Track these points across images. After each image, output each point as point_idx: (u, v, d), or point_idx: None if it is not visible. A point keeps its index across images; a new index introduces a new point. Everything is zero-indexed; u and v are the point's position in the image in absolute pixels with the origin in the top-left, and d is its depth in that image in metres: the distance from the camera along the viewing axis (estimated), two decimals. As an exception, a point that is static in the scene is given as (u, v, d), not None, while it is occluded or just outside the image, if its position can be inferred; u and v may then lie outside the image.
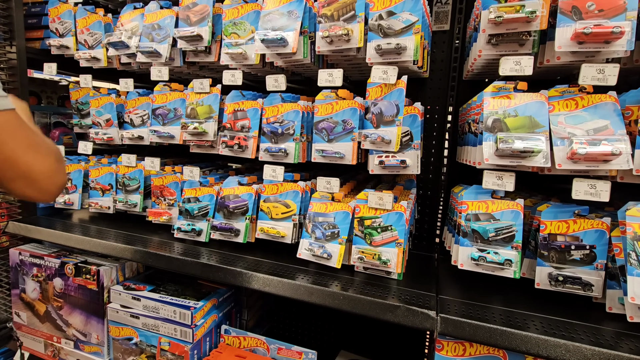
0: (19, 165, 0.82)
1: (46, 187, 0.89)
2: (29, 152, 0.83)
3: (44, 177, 0.88)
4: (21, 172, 0.83)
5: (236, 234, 1.29)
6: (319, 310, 1.80)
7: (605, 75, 0.89)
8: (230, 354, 1.30)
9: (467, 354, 0.97)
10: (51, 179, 0.89)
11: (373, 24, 1.10)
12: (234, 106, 1.33)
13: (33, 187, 0.87)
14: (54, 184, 0.90)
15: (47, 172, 0.88)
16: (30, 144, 0.83)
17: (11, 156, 0.80)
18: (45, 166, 0.88)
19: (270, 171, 1.27)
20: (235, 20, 1.29)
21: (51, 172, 0.89)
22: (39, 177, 0.87)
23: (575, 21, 0.89)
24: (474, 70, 1.27)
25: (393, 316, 0.96)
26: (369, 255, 1.09)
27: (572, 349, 0.81)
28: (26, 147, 0.83)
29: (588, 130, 0.91)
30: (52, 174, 0.89)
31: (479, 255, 1.02)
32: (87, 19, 1.59)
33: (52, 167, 0.89)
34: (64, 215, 1.71)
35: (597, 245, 0.96)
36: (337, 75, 1.14)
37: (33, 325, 1.60)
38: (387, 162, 1.12)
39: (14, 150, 0.81)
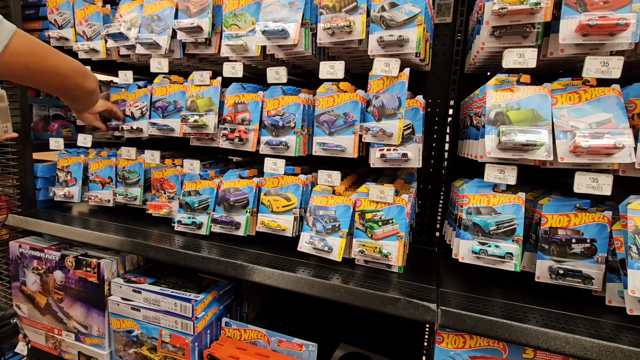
0: (61, 66, 0.99)
1: (87, 73, 1.11)
2: (56, 54, 0.98)
3: (81, 68, 1.08)
4: (66, 71, 1.01)
5: (237, 227, 1.29)
6: (319, 303, 1.80)
7: (609, 68, 0.88)
8: (231, 346, 1.31)
9: (467, 346, 0.98)
10: (82, 67, 1.10)
11: (375, 15, 1.09)
12: (234, 99, 1.32)
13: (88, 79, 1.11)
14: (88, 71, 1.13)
15: (77, 63, 1.08)
16: (51, 48, 0.99)
17: (53, 63, 0.97)
18: (72, 60, 1.06)
19: (271, 164, 1.26)
20: (235, 12, 1.27)
21: (77, 63, 1.09)
22: (79, 69, 1.06)
23: (580, 13, 0.88)
24: (476, 64, 1.26)
25: (394, 309, 0.97)
26: (370, 249, 1.09)
27: (572, 341, 0.82)
28: (52, 52, 0.98)
29: (591, 123, 0.91)
30: (80, 64, 1.10)
31: (480, 248, 1.02)
32: (86, 10, 1.57)
33: (74, 60, 1.08)
34: (63, 208, 1.71)
35: (597, 239, 0.97)
36: (339, 67, 1.13)
37: (34, 318, 1.60)
38: (388, 155, 1.12)
39: (52, 56, 0.97)
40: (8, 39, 0.84)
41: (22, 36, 0.88)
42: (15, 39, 0.85)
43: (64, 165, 1.69)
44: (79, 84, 1.07)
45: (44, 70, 0.95)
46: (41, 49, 0.93)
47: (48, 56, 0.95)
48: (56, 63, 0.98)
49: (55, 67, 0.98)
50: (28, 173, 1.66)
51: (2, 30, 0.83)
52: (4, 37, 0.83)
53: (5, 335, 1.18)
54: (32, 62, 0.91)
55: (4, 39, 0.83)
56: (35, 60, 0.92)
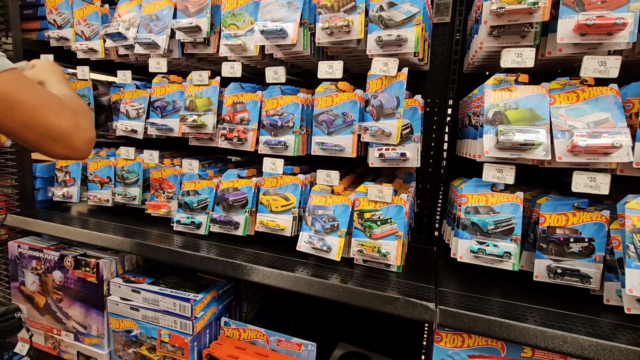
0: (36, 126, 0.80)
1: (73, 144, 0.86)
2: (41, 111, 0.80)
3: (67, 135, 0.85)
4: (41, 133, 0.81)
5: (236, 226, 1.29)
6: (318, 303, 1.81)
7: (607, 68, 0.88)
8: (230, 345, 1.31)
9: (466, 345, 0.98)
10: (74, 134, 0.86)
11: (374, 15, 1.09)
12: (233, 98, 1.32)
13: (61, 146, 0.85)
14: (80, 140, 0.87)
15: (67, 129, 0.84)
16: (40, 102, 0.80)
17: (24, 119, 0.78)
18: (63, 123, 0.84)
19: (270, 164, 1.26)
20: (234, 11, 1.27)
21: (71, 128, 0.85)
22: (61, 136, 0.84)
23: (577, 12, 0.88)
24: (474, 63, 1.26)
25: (392, 308, 0.97)
26: (369, 248, 1.10)
27: (570, 340, 0.82)
28: (37, 107, 0.79)
29: (589, 122, 0.91)
30: (73, 130, 0.85)
31: (478, 247, 1.02)
32: (84, 10, 1.57)
33: (70, 123, 0.85)
34: (62, 208, 1.71)
35: (595, 238, 0.97)
36: (337, 67, 1.13)
37: (33, 318, 1.60)
38: (387, 154, 1.12)
39: (25, 112, 0.78)
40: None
41: (4, 77, 0.74)
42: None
43: (63, 165, 1.69)
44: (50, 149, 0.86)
45: (5, 123, 0.78)
46: (12, 98, 0.76)
47: (19, 108, 0.77)
48: (28, 119, 0.79)
49: (25, 123, 0.80)
50: (27, 173, 1.66)
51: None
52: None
53: (9, 329, 1.19)
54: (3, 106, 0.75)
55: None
56: (3, 103, 0.75)
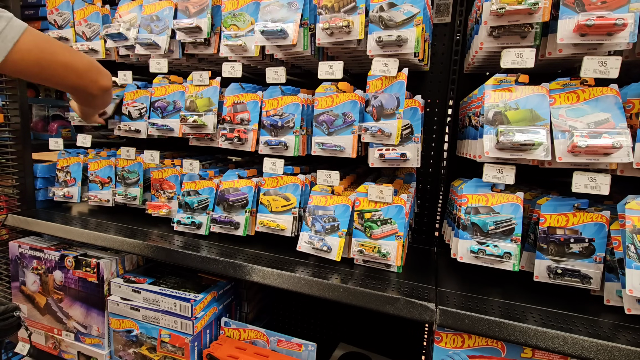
0: (74, 63, 0.98)
1: (102, 71, 1.07)
2: (68, 51, 0.98)
3: (95, 65, 1.05)
4: (78, 67, 0.99)
5: (236, 227, 1.29)
6: (319, 303, 1.81)
7: (607, 68, 0.88)
8: (230, 346, 1.31)
9: (466, 345, 0.98)
10: (96, 63, 1.07)
11: (374, 15, 1.09)
12: (233, 99, 1.33)
13: (102, 76, 1.06)
14: (102, 68, 1.08)
15: (91, 60, 1.05)
16: (62, 45, 0.98)
17: (65, 59, 0.96)
18: (86, 57, 1.04)
19: (270, 164, 1.27)
20: (234, 12, 1.28)
21: (92, 59, 1.06)
22: (93, 66, 1.04)
23: (577, 13, 0.88)
24: (475, 63, 1.26)
25: (392, 308, 0.97)
26: (369, 248, 1.10)
27: (570, 341, 0.82)
28: (64, 48, 0.97)
29: (589, 123, 0.91)
30: (93, 61, 1.06)
31: (479, 248, 1.02)
32: (85, 10, 1.57)
33: (88, 57, 1.06)
34: (63, 208, 1.71)
35: (596, 239, 0.97)
36: (338, 67, 1.13)
37: (33, 318, 1.60)
38: (387, 155, 1.12)
39: (63, 53, 0.96)
40: (18, 36, 0.84)
41: (31, 34, 0.88)
42: (24, 37, 0.86)
43: (64, 166, 1.70)
44: (94, 80, 1.05)
45: (55, 68, 0.94)
46: (50, 45, 0.93)
47: (59, 52, 0.94)
48: (69, 59, 0.97)
49: (67, 64, 0.96)
50: (27, 173, 1.67)
51: (12, 28, 0.84)
52: (15, 34, 0.84)
53: (8, 328, 1.19)
54: (42, 59, 0.91)
55: (14, 36, 0.84)
56: (46, 57, 0.91)
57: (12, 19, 0.85)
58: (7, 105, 1.60)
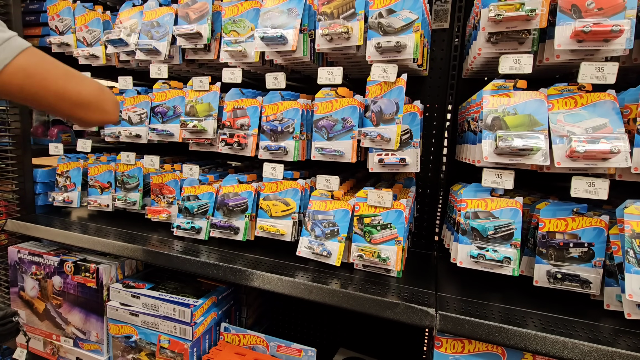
0: (69, 93, 0.86)
1: (104, 107, 0.94)
2: (70, 79, 0.87)
3: (97, 98, 0.92)
4: (74, 99, 0.87)
5: (236, 231, 1.29)
6: (318, 308, 1.80)
7: (604, 74, 0.89)
8: (230, 351, 1.30)
9: (466, 351, 0.98)
10: (102, 97, 0.93)
11: (373, 21, 1.10)
12: (233, 104, 1.33)
13: (94, 111, 0.92)
14: (109, 102, 0.94)
15: (97, 92, 0.91)
16: (66, 72, 0.87)
17: (58, 88, 0.84)
18: (92, 87, 0.91)
19: (270, 169, 1.27)
20: (234, 18, 1.29)
21: (98, 92, 0.92)
22: (93, 99, 0.90)
23: (574, 19, 0.89)
24: (473, 69, 1.27)
25: (392, 314, 0.97)
26: (369, 253, 1.10)
27: (570, 346, 0.82)
28: (65, 76, 0.86)
29: (587, 128, 0.91)
30: (99, 94, 0.92)
31: (478, 252, 1.02)
32: (86, 16, 1.59)
33: (96, 87, 0.92)
34: (62, 213, 1.71)
35: (595, 243, 0.97)
36: (337, 73, 1.14)
37: (32, 323, 1.60)
38: (386, 160, 1.12)
39: (57, 81, 0.84)
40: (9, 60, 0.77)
41: (26, 57, 0.79)
42: (15, 61, 0.77)
43: (63, 170, 1.70)
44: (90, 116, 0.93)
45: (44, 95, 0.84)
46: (43, 72, 0.81)
47: (51, 80, 0.83)
48: (62, 89, 0.85)
49: (60, 93, 0.85)
50: (27, 178, 1.67)
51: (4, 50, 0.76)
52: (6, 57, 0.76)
53: (7, 333, 1.19)
54: (28, 85, 0.80)
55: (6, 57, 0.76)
56: (33, 83, 0.81)
57: (9, 40, 0.77)
58: (7, 110, 1.61)
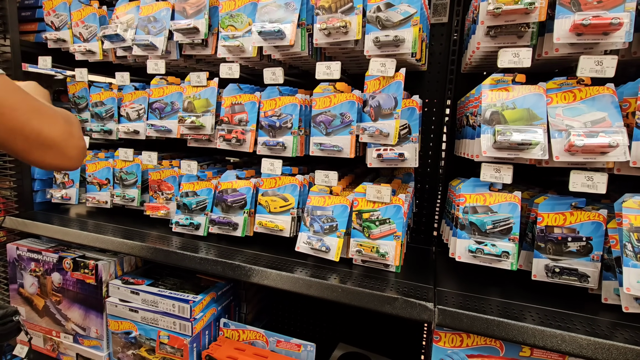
0: (27, 132, 0.75)
1: (66, 152, 0.83)
2: (32, 117, 0.75)
3: (59, 142, 0.81)
4: (32, 140, 0.76)
5: (234, 227, 1.29)
6: (318, 303, 1.81)
7: (603, 67, 0.88)
8: (229, 347, 1.31)
9: (465, 344, 0.98)
10: (67, 142, 0.82)
11: (371, 15, 1.09)
12: (231, 99, 1.32)
13: (53, 154, 0.81)
14: (73, 148, 0.84)
15: (61, 136, 0.81)
16: (31, 108, 0.76)
17: (15, 125, 0.73)
18: (56, 130, 0.80)
19: (268, 165, 1.27)
20: (232, 13, 1.28)
21: (64, 135, 0.81)
22: (54, 143, 0.80)
23: (574, 12, 0.89)
24: (472, 63, 1.26)
25: (391, 308, 0.97)
26: (367, 248, 1.10)
27: (568, 339, 0.82)
28: (28, 112, 0.75)
29: (586, 122, 0.91)
30: (66, 137, 0.82)
31: (477, 247, 1.03)
32: (82, 12, 1.57)
33: (64, 129, 0.82)
34: (61, 210, 1.71)
35: (593, 237, 0.97)
36: (335, 68, 1.13)
37: (32, 320, 1.60)
38: (385, 155, 1.12)
39: (16, 117, 0.73)
40: None
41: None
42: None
43: (61, 167, 1.69)
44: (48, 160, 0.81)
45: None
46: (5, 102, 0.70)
47: (6, 111, 0.72)
48: (19, 125, 0.74)
49: (14, 129, 0.74)
50: (25, 175, 1.66)
51: None
52: None
53: (7, 332, 1.18)
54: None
55: None
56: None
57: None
58: (4, 107, 1.59)
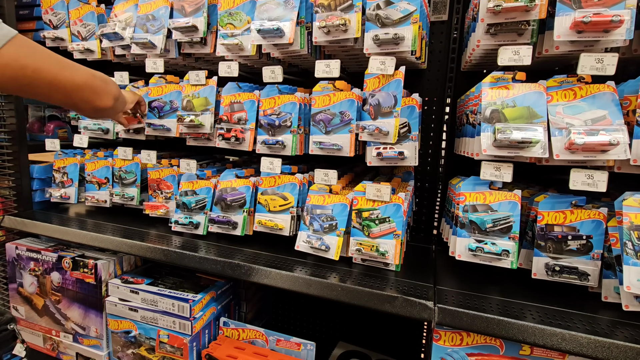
0: (64, 82, 0.89)
1: (103, 90, 0.99)
2: (63, 67, 0.89)
3: (93, 84, 0.96)
4: (71, 86, 0.91)
5: (234, 226, 1.29)
6: (318, 302, 1.81)
7: (604, 65, 0.88)
8: (229, 345, 1.31)
9: (465, 343, 0.98)
10: (95, 81, 0.97)
11: (370, 13, 1.08)
12: (230, 98, 1.32)
13: (93, 95, 0.97)
14: (102, 91, 0.99)
15: (88, 79, 0.94)
16: (58, 61, 0.88)
17: (51, 78, 0.86)
18: (84, 75, 0.94)
19: (268, 164, 1.26)
20: (230, 11, 1.27)
21: (90, 77, 0.95)
22: (87, 85, 0.95)
23: (574, 10, 0.88)
24: (472, 61, 1.26)
25: (391, 307, 0.97)
26: (367, 247, 1.09)
27: (568, 338, 0.82)
28: (57, 65, 0.88)
29: (586, 120, 0.91)
30: (92, 79, 0.96)
31: (477, 246, 1.02)
32: (80, 10, 1.56)
33: (88, 73, 0.95)
34: (60, 209, 1.70)
35: (593, 236, 0.97)
36: (335, 66, 1.13)
37: (31, 319, 1.60)
38: (384, 153, 1.11)
39: (51, 71, 0.86)
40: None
41: (15, 45, 0.79)
42: (4, 49, 0.78)
43: (60, 166, 1.69)
44: (87, 101, 0.96)
45: (38, 85, 0.86)
46: (34, 61, 0.83)
47: (44, 69, 0.85)
48: (54, 77, 0.87)
49: (52, 82, 0.87)
50: (24, 174, 1.66)
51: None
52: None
53: (2, 341, 1.17)
54: (21, 76, 0.82)
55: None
56: (27, 74, 0.82)
57: (2, 26, 0.78)
58: (2, 106, 1.59)
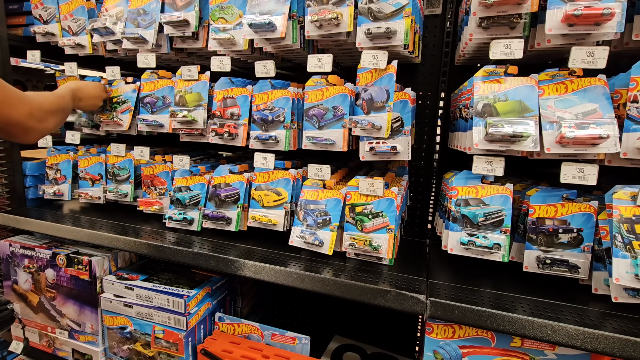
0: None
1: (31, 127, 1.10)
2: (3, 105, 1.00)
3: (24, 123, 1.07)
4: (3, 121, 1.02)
5: (228, 222, 1.29)
6: (313, 297, 1.81)
7: (595, 58, 0.88)
8: (225, 340, 1.31)
9: (457, 336, 0.99)
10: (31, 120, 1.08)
11: (363, 7, 1.08)
12: (223, 93, 1.31)
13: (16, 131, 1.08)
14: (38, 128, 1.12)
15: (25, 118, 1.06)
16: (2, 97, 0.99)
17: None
18: (18, 115, 1.05)
19: (261, 159, 1.26)
20: (222, 5, 1.26)
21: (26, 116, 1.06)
22: (17, 122, 1.05)
23: (565, 3, 0.88)
24: (465, 55, 1.26)
25: (384, 301, 0.97)
26: (360, 242, 1.10)
27: (558, 329, 0.83)
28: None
29: (577, 113, 0.91)
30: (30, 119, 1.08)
31: (468, 239, 1.03)
32: (70, 4, 1.54)
33: (26, 111, 1.07)
34: (54, 206, 1.69)
35: (584, 228, 0.98)
36: (327, 60, 1.12)
37: (27, 316, 1.60)
38: (377, 148, 1.11)
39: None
40: None
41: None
42: None
43: (53, 163, 1.68)
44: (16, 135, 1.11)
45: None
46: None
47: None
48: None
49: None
50: (17, 171, 1.65)
51: None
52: None
53: (3, 321, 1.18)
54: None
55: None
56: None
57: None
58: (-7, 103, 1.57)
